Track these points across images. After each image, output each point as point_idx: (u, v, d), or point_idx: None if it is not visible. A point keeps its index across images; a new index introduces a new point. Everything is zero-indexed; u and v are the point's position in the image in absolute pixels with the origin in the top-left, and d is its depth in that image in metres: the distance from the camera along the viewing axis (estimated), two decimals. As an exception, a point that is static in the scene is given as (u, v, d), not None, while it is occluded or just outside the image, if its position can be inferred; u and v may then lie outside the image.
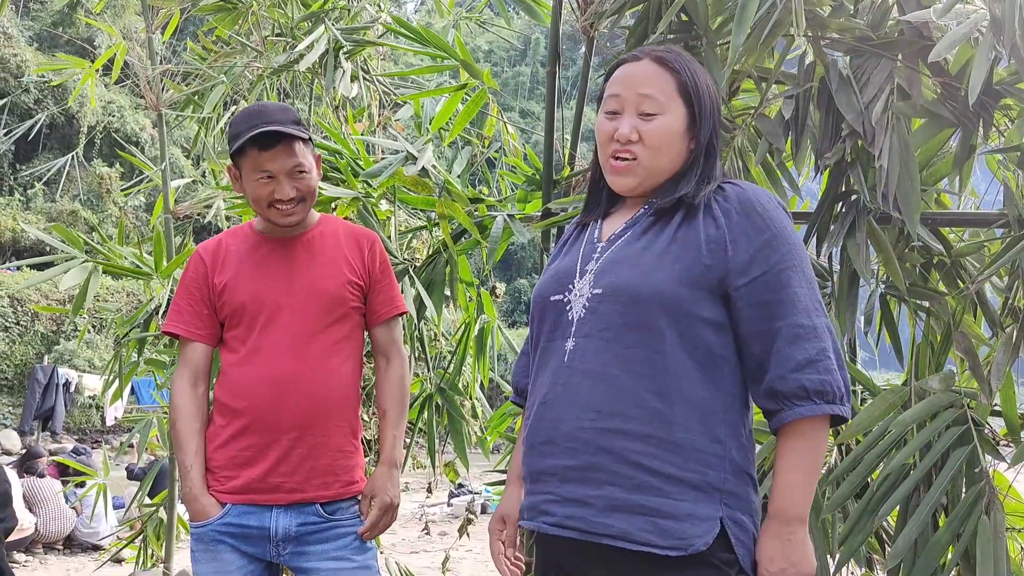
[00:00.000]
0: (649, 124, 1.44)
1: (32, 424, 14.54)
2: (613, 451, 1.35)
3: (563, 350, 1.43)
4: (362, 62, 3.29)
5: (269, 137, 1.92)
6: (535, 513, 1.44)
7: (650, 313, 1.36)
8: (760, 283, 1.36)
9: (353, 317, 2.05)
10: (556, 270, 1.54)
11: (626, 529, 1.32)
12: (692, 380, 1.36)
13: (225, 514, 1.94)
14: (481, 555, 6.67)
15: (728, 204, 1.40)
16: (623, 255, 1.44)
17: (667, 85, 1.45)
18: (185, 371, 2.02)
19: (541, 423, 1.44)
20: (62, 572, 6.23)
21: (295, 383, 1.95)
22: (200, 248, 2.11)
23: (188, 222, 4.23)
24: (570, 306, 1.45)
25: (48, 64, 4.51)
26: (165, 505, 3.94)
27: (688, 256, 1.38)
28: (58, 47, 20.07)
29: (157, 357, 3.62)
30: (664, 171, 1.46)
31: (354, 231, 2.13)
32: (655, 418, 1.34)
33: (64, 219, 18.89)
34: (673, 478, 1.33)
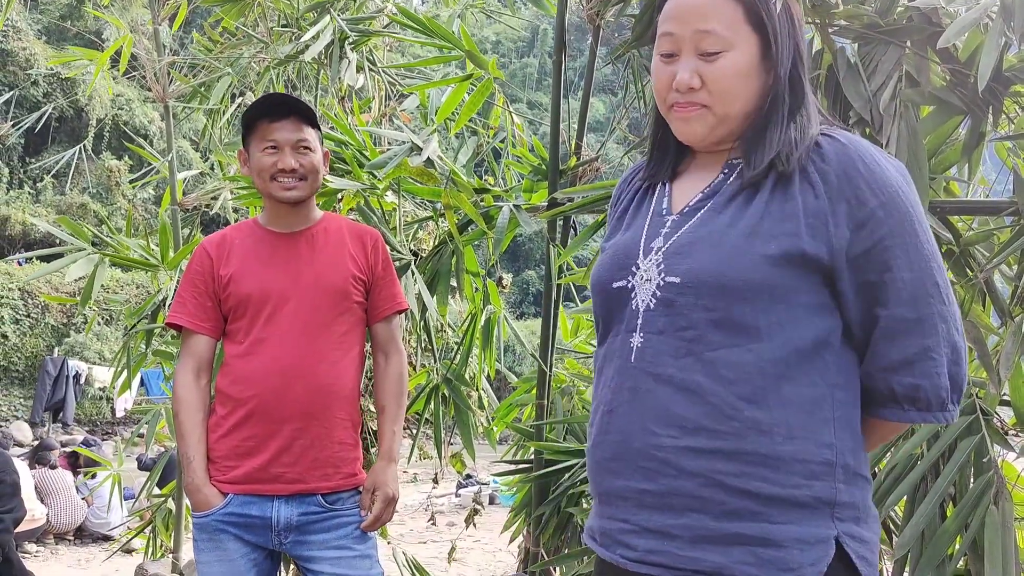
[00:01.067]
0: (713, 65, 1.17)
1: (43, 416, 14.66)
2: (700, 473, 1.12)
3: (628, 347, 1.20)
4: (368, 53, 3.28)
5: (278, 109, 2.01)
6: (610, 542, 1.22)
7: (740, 306, 1.13)
8: (862, 262, 1.12)
9: (356, 312, 2.08)
10: (615, 248, 1.29)
11: (721, 563, 1.10)
12: (793, 379, 1.13)
13: (227, 504, 1.96)
14: (489, 545, 6.69)
15: (826, 166, 1.14)
16: (702, 234, 1.18)
17: (730, 13, 1.18)
18: (188, 363, 2.04)
19: (607, 436, 1.21)
20: (73, 562, 6.28)
21: (300, 374, 1.97)
22: (205, 242, 2.14)
23: (196, 214, 4.24)
24: (634, 293, 1.21)
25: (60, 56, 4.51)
26: (174, 495, 3.96)
27: (783, 232, 1.13)
28: (66, 40, 20.09)
29: (165, 348, 3.64)
30: (736, 119, 1.20)
31: (357, 228, 2.17)
32: (751, 431, 1.11)
33: (73, 212, 18.95)
34: (775, 499, 1.11)
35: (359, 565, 2.01)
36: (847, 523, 1.13)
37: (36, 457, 7.22)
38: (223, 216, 4.02)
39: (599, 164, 2.90)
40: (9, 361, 15.82)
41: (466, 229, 2.92)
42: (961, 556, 1.83)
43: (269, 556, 2.04)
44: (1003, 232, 2.02)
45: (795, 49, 1.21)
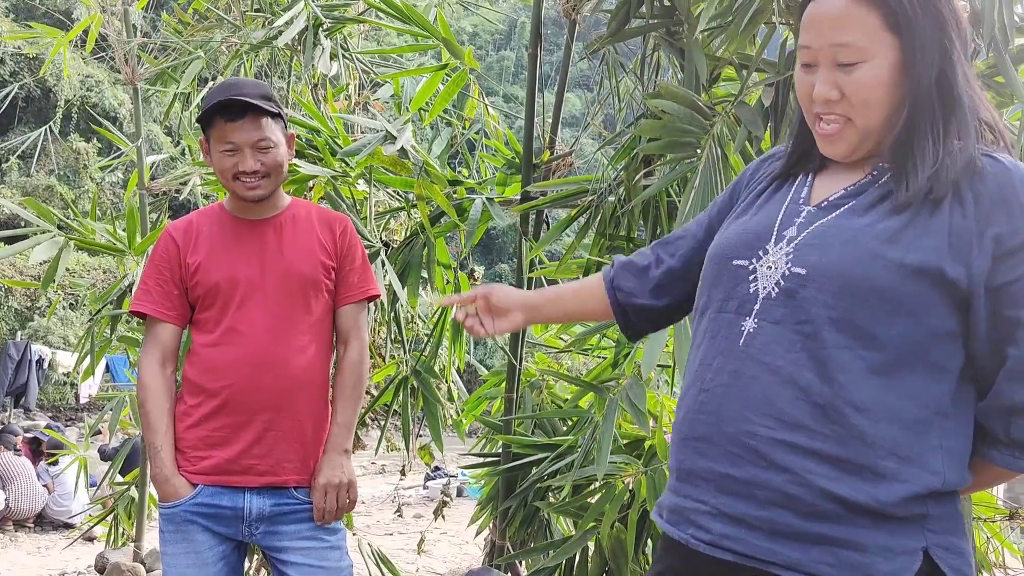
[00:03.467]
0: (851, 76, 1.12)
1: (4, 400, 14.41)
2: (790, 469, 1.08)
3: (739, 330, 1.16)
4: (342, 40, 3.25)
5: (234, 108, 1.91)
6: (682, 521, 1.18)
7: (865, 310, 1.07)
8: (1002, 294, 1.06)
9: (326, 300, 2.05)
10: (744, 228, 1.24)
11: (798, 559, 1.07)
12: (906, 396, 1.08)
13: (197, 494, 1.93)
14: (456, 538, 6.69)
15: (983, 187, 1.08)
16: (839, 231, 1.13)
17: (867, 20, 1.11)
18: (154, 351, 1.99)
19: (700, 415, 1.18)
20: (32, 549, 6.18)
21: (271, 365, 1.94)
22: (170, 227, 2.08)
23: (164, 198, 4.18)
24: (755, 276, 1.17)
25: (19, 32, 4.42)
26: (137, 484, 3.92)
27: (925, 247, 1.07)
28: (35, 19, 19.72)
29: (130, 335, 3.59)
30: (878, 131, 1.15)
31: (326, 214, 2.13)
32: (851, 439, 1.06)
33: (40, 194, 18.61)
34: (867, 510, 1.06)
35: (329, 556, 1.98)
36: (940, 534, 1.09)
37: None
38: (192, 201, 3.98)
39: (572, 159, 2.90)
40: (-30, 344, 15.54)
41: (438, 221, 2.91)
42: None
43: (237, 548, 2.01)
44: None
45: (943, 52, 1.12)
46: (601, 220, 2.52)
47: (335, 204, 2.76)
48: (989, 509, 2.13)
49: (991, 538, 2.14)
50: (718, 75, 2.43)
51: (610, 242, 2.54)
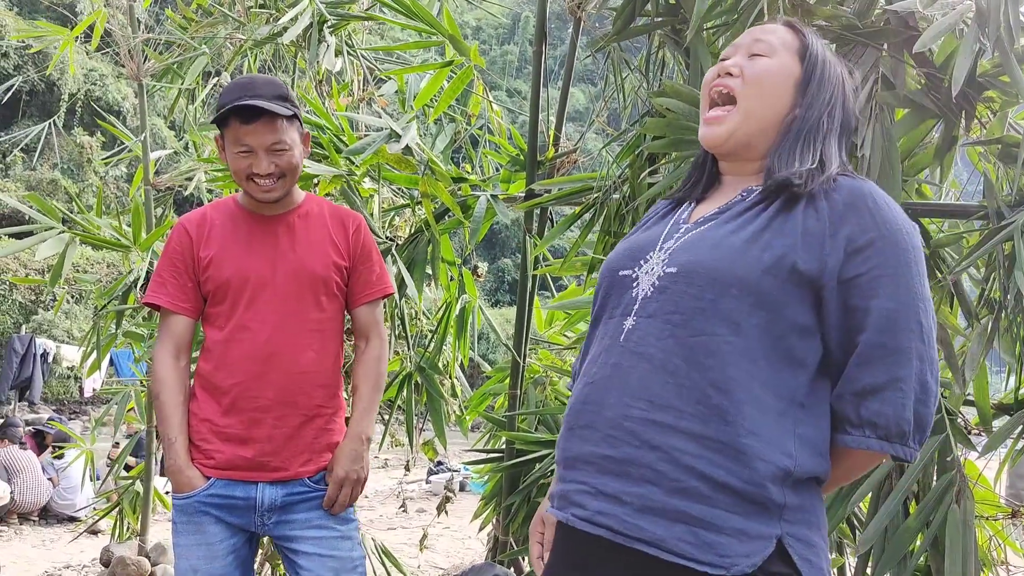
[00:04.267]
0: (753, 62, 1.30)
1: (9, 394, 14.43)
2: (660, 448, 1.17)
3: (621, 328, 1.27)
4: (346, 36, 3.25)
5: (250, 111, 1.90)
6: (566, 503, 1.27)
7: (728, 300, 1.19)
8: (852, 287, 1.18)
9: (337, 299, 2.05)
10: (631, 243, 1.38)
11: (661, 536, 1.15)
12: (763, 382, 1.17)
13: (210, 486, 1.94)
14: (458, 533, 6.71)
15: (836, 195, 1.21)
16: (706, 236, 1.27)
17: (787, 39, 1.33)
18: (168, 343, 2.01)
19: (585, 405, 1.28)
20: (37, 543, 6.21)
21: (279, 362, 1.95)
22: (184, 220, 2.09)
23: (169, 194, 4.19)
24: (637, 282, 1.29)
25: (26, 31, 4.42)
26: (142, 478, 3.93)
27: (781, 245, 1.19)
28: (39, 12, 19.72)
29: (135, 330, 3.60)
30: (765, 125, 1.30)
31: (339, 212, 2.12)
32: (716, 418, 1.16)
33: (43, 188, 18.64)
34: (727, 488, 1.14)
35: (340, 546, 1.99)
36: (796, 525, 1.17)
37: (4, 434, 7.12)
38: (197, 196, 3.98)
39: (577, 156, 2.90)
40: (-26, 338, 15.57)
41: (443, 218, 2.91)
42: (922, 553, 1.86)
43: (248, 541, 2.02)
44: (972, 235, 2.05)
45: (838, 108, 1.32)
46: (606, 218, 2.52)
47: (351, 201, 2.76)
48: (992, 508, 2.14)
49: (994, 536, 2.15)
50: (723, 73, 2.43)
51: (615, 239, 2.54)
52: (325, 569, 1.96)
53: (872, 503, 1.93)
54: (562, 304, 2.81)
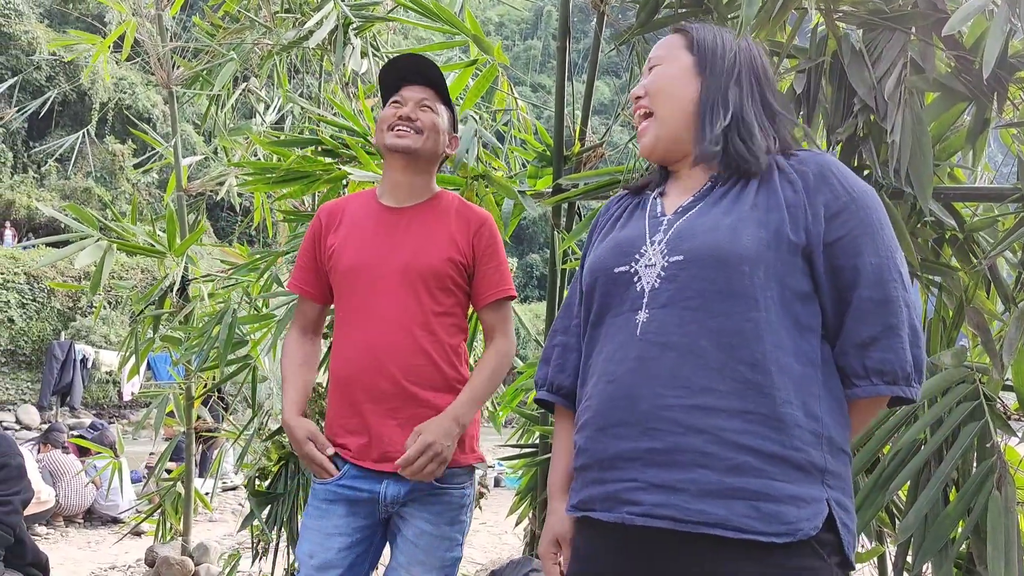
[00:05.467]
0: (651, 74, 1.44)
1: (51, 399, 14.74)
2: (705, 430, 1.20)
3: (633, 323, 1.29)
4: (372, 38, 3.27)
5: (414, 77, 2.06)
6: (615, 504, 1.26)
7: (740, 277, 1.24)
8: (836, 248, 1.26)
9: (454, 294, 2.04)
10: (615, 242, 1.41)
11: (725, 515, 1.18)
12: (786, 351, 1.23)
13: (343, 475, 1.97)
14: (495, 528, 6.73)
15: (804, 167, 1.31)
16: (700, 221, 1.32)
17: (674, 41, 1.46)
18: (296, 323, 2.13)
19: (611, 403, 1.28)
20: (83, 544, 6.34)
21: (391, 353, 1.95)
22: (321, 208, 2.17)
23: (201, 199, 4.25)
24: (638, 277, 1.32)
25: (60, 40, 4.50)
26: (182, 479, 4.00)
27: (772, 220, 1.27)
28: (68, 24, 20.05)
29: (172, 334, 3.66)
30: (675, 121, 1.40)
31: (467, 210, 2.12)
32: (752, 392, 1.21)
33: (78, 196, 18.98)
34: (775, 457, 1.19)
35: (437, 546, 1.99)
36: (835, 491, 1.23)
37: (47, 439, 7.27)
38: (227, 202, 4.03)
39: (604, 149, 2.90)
40: (16, 345, 15.90)
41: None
42: (964, 540, 1.84)
43: (375, 533, 2.03)
44: (1007, 219, 2.03)
45: (745, 72, 1.41)
46: (634, 211, 2.52)
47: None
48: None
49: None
50: (749, 62, 2.42)
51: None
52: (415, 562, 1.98)
53: (911, 491, 1.91)
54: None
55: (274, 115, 4.08)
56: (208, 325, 3.24)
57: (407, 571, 1.99)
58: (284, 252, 3.11)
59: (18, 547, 2.65)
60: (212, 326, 3.20)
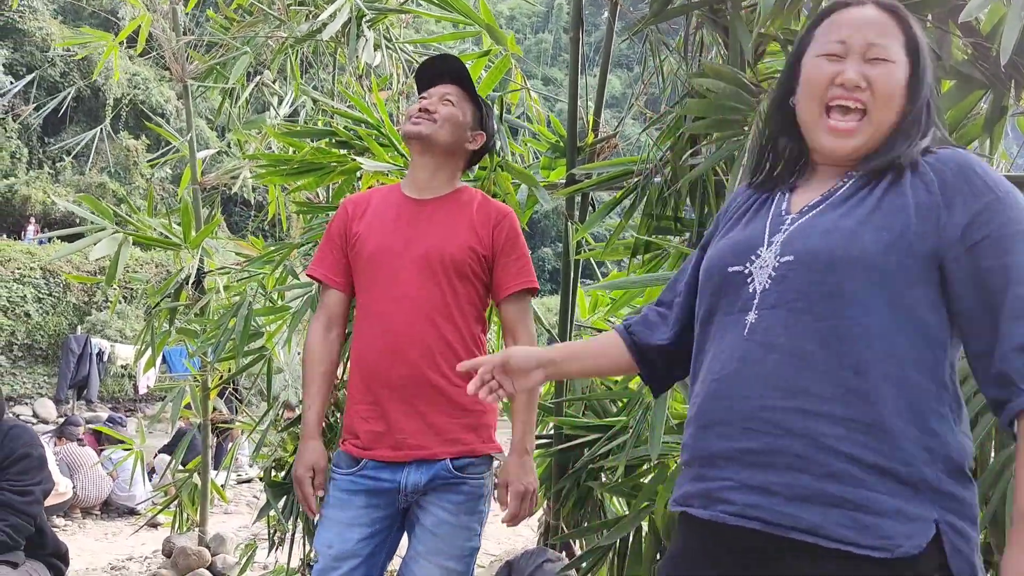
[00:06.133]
0: (878, 70, 1.27)
1: (67, 393, 14.87)
2: (805, 434, 1.15)
3: (742, 323, 1.26)
4: (384, 30, 3.28)
5: (441, 78, 2.12)
6: (710, 501, 1.24)
7: (852, 281, 1.17)
8: (981, 248, 1.15)
9: (473, 284, 2.06)
10: (735, 240, 1.36)
11: (819, 523, 1.13)
12: (903, 361, 1.15)
13: (362, 467, 2.00)
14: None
15: (942, 165, 1.22)
16: (817, 222, 1.25)
17: (897, 37, 1.29)
18: (320, 315, 2.14)
19: (715, 401, 1.26)
20: (100, 536, 6.40)
21: (410, 341, 1.98)
22: (347, 199, 2.21)
23: (215, 193, 4.27)
24: (751, 278, 1.27)
25: (72, 38, 4.53)
26: (199, 471, 4.03)
27: (896, 223, 1.18)
28: (82, 20, 20.16)
29: (188, 326, 3.68)
30: (885, 130, 1.28)
31: (489, 203, 2.15)
32: (858, 400, 1.14)
33: (93, 191, 19.09)
34: (877, 468, 1.12)
35: (456, 535, 2.02)
36: (950, 514, 1.13)
37: (62, 433, 7.34)
38: (241, 196, 4.05)
39: (617, 141, 2.90)
40: (33, 339, 16.02)
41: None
42: (981, 530, 1.84)
43: (394, 525, 2.06)
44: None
45: (932, 83, 1.31)
46: (648, 201, 2.52)
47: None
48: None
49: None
50: (763, 52, 2.41)
51: (657, 222, 2.54)
52: (433, 551, 2.01)
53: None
54: (613, 283, 2.79)
55: (287, 108, 4.10)
56: (224, 317, 3.27)
57: (427, 560, 2.01)
58: (298, 244, 3.13)
59: (39, 537, 2.67)
60: (228, 318, 3.23)
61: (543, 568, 2.77)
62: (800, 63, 1.34)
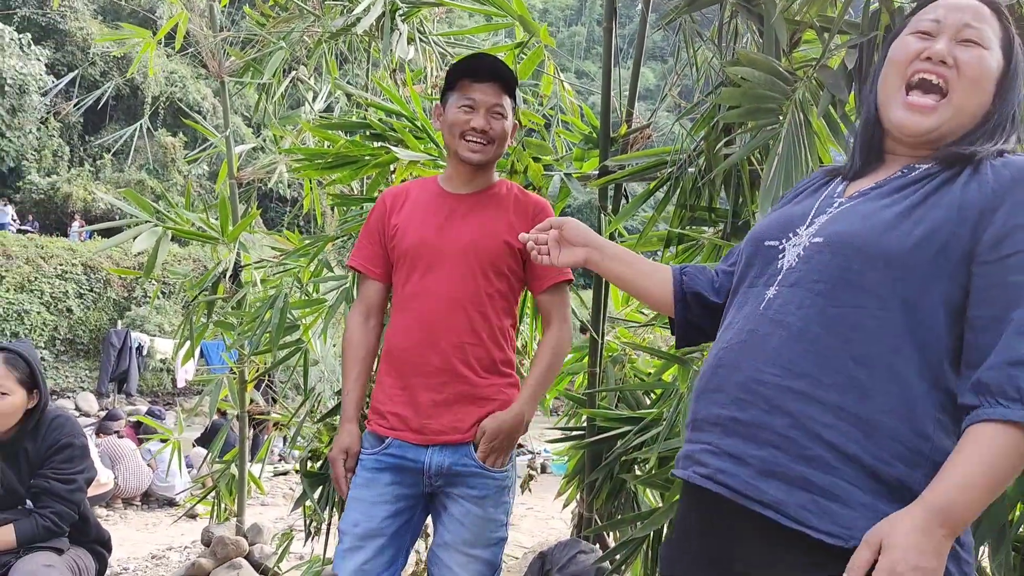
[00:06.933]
0: (968, 51, 1.23)
1: (108, 387, 15.17)
2: (792, 414, 1.15)
3: (762, 297, 1.26)
4: (418, 24, 3.29)
5: (483, 71, 2.06)
6: (689, 462, 1.27)
7: (875, 273, 1.15)
8: (1009, 263, 1.11)
9: (508, 279, 2.09)
10: (781, 215, 1.35)
11: (782, 500, 1.12)
12: (908, 361, 1.12)
13: (388, 446, 2.04)
14: (541, 513, 6.77)
15: (1004, 169, 1.17)
16: (857, 209, 1.23)
17: (994, 28, 1.25)
18: (359, 305, 2.19)
19: (718, 368, 1.27)
20: (141, 526, 6.52)
21: (443, 331, 2.02)
22: (386, 191, 2.23)
23: (251, 188, 4.32)
24: (783, 254, 1.27)
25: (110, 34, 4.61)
26: (236, 461, 4.09)
27: (935, 218, 1.15)
28: (121, 19, 20.48)
29: (224, 319, 3.73)
30: (966, 120, 1.24)
31: (526, 197, 2.17)
32: (855, 391, 1.13)
33: (132, 188, 19.41)
34: (855, 461, 1.11)
35: (484, 526, 2.04)
36: None
37: (100, 428, 7.52)
38: (277, 191, 4.09)
39: (650, 131, 2.88)
40: (75, 334, 16.36)
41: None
42: (1022, 523, 1.81)
43: (418, 505, 2.09)
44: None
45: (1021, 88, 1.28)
46: (681, 191, 2.50)
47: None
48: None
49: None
50: (798, 39, 2.38)
51: (691, 213, 2.52)
52: (461, 542, 2.03)
53: (967, 472, 1.88)
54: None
55: (322, 104, 4.14)
56: (260, 310, 3.31)
57: (456, 550, 2.03)
58: (333, 238, 3.15)
59: (83, 524, 2.73)
60: (264, 311, 3.27)
61: (576, 560, 2.77)
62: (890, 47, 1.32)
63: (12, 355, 2.59)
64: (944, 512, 1.04)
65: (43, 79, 19.06)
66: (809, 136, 2.07)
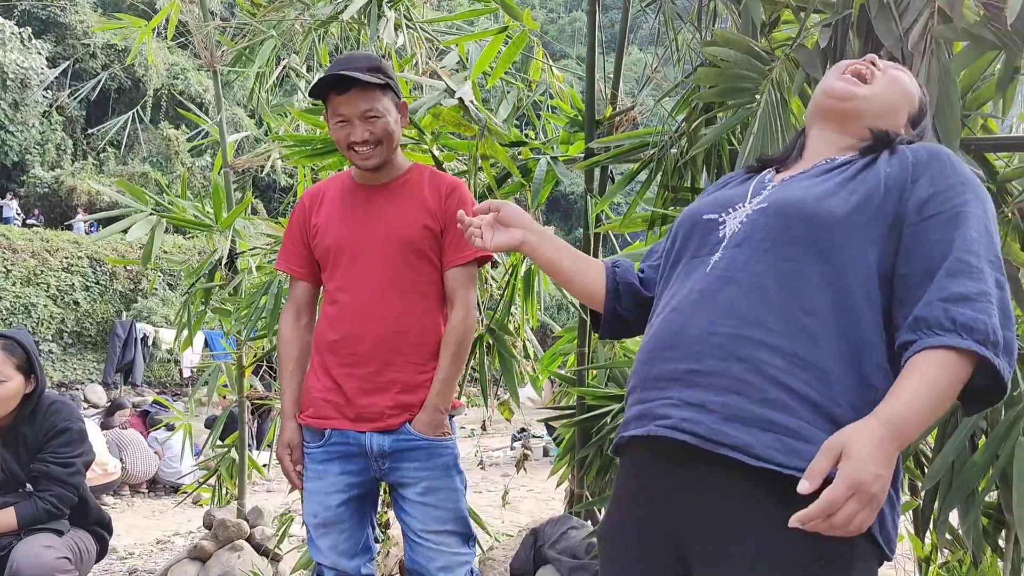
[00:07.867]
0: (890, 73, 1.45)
1: (115, 377, 15.27)
2: (748, 360, 1.21)
3: (706, 263, 1.32)
4: (405, 11, 3.32)
5: (343, 83, 2.02)
6: (647, 419, 1.28)
7: (819, 232, 1.24)
8: (935, 221, 1.22)
9: (431, 261, 2.13)
10: (716, 197, 1.45)
11: (748, 441, 1.17)
12: (853, 311, 1.22)
13: (329, 437, 2.10)
14: (541, 495, 6.83)
15: (919, 148, 1.31)
16: (796, 184, 1.35)
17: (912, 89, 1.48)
18: (289, 306, 2.25)
19: (666, 328, 1.31)
20: (148, 513, 6.61)
21: (372, 322, 2.07)
22: (305, 191, 2.28)
23: (247, 177, 4.36)
24: (724, 225, 1.35)
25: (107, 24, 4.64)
26: (236, 446, 4.14)
27: (866, 190, 1.26)
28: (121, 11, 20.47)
29: (223, 306, 3.78)
30: (878, 108, 1.40)
31: (438, 178, 2.20)
32: (803, 337, 1.20)
33: (135, 181, 19.45)
34: (812, 403, 1.18)
35: (446, 498, 2.10)
36: None
37: (103, 424, 7.65)
38: (272, 178, 4.13)
39: (636, 114, 2.91)
40: (82, 327, 16.46)
41: (504, 182, 2.97)
42: (991, 488, 1.85)
43: (369, 491, 2.16)
44: (1039, 167, 2.00)
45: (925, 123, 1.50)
46: (664, 172, 2.54)
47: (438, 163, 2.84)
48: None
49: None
50: (778, 19, 2.41)
51: (674, 194, 2.55)
52: (430, 519, 2.08)
53: (938, 439, 1.92)
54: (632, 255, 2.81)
55: (315, 91, 4.16)
56: (256, 296, 3.36)
57: (427, 529, 2.08)
58: (326, 223, 3.19)
59: (82, 507, 2.79)
60: (259, 296, 3.32)
61: (568, 535, 2.82)
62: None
63: (9, 341, 2.64)
64: (897, 427, 1.11)
65: (44, 73, 19.10)
66: (785, 114, 2.10)
